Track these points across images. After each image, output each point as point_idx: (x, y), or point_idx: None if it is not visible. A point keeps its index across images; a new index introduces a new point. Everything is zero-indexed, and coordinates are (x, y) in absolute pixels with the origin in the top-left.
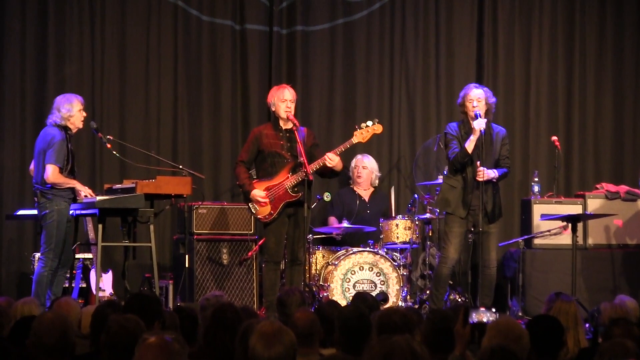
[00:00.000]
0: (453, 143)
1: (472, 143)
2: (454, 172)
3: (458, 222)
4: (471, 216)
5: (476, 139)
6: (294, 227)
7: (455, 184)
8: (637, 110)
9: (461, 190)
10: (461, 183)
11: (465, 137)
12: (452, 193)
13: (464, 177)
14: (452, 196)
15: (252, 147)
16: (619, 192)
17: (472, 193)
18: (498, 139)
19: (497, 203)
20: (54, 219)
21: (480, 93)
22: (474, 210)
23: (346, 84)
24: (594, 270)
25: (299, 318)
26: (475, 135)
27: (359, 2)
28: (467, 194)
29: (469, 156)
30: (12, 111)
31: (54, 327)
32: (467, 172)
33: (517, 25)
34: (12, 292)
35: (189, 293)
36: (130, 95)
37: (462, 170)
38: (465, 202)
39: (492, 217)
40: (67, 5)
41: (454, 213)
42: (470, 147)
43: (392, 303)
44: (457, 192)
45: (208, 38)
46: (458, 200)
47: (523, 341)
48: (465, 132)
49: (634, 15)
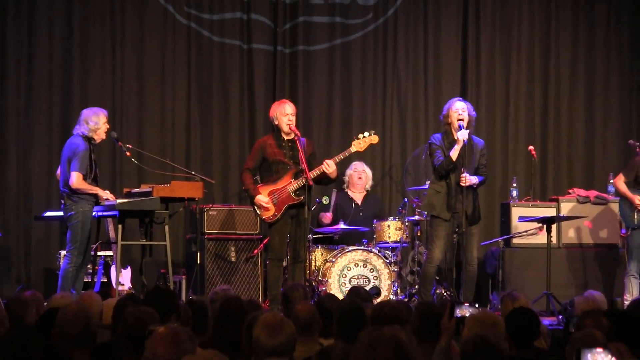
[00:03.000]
0: (437, 152)
1: (456, 152)
2: (439, 179)
3: (443, 224)
4: (454, 218)
5: (460, 148)
6: (295, 228)
7: (440, 189)
8: (607, 122)
9: (445, 194)
10: (445, 188)
11: (448, 147)
12: (437, 197)
13: (447, 183)
14: (437, 200)
15: (257, 156)
16: (589, 196)
17: (455, 197)
18: (477, 149)
19: (476, 207)
20: (78, 219)
21: (463, 105)
22: (457, 213)
23: (343, 98)
24: (567, 267)
25: (301, 310)
26: (459, 145)
27: (355, 25)
28: (451, 198)
29: (454, 164)
30: (40, 121)
31: (77, 318)
32: (450, 179)
33: (498, 45)
34: (40, 287)
35: (200, 287)
36: (148, 108)
37: (447, 177)
38: (449, 206)
39: (472, 219)
40: (91, 26)
41: (438, 216)
42: (455, 156)
43: (384, 297)
44: (442, 196)
45: (218, 56)
46: (442, 204)
47: (498, 328)
48: (449, 142)
49: (603, 34)
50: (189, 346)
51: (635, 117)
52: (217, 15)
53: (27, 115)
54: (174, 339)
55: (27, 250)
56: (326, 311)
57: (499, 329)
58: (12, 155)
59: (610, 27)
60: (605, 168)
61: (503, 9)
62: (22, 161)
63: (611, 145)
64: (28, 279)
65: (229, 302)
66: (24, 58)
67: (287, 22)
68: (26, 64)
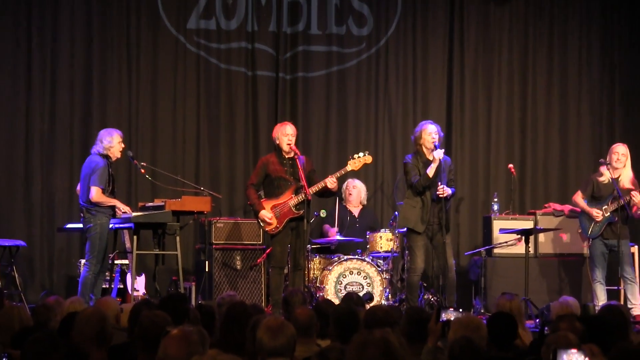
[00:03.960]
0: (413, 171)
1: (433, 170)
2: (415, 195)
3: (419, 237)
4: (429, 230)
5: (436, 166)
6: (295, 238)
7: (415, 204)
8: (579, 142)
9: (420, 209)
10: (420, 203)
11: (420, 165)
12: (412, 212)
13: (422, 198)
14: (412, 214)
15: (261, 173)
16: (564, 210)
17: (430, 211)
18: (446, 165)
19: (448, 219)
20: (97, 231)
21: (435, 129)
22: (431, 225)
23: (339, 121)
24: (543, 275)
25: (300, 314)
26: (435, 163)
27: (349, 53)
28: (425, 212)
29: (430, 180)
30: (62, 141)
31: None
32: (426, 195)
33: (480, 73)
34: (62, 292)
35: (208, 293)
36: (160, 129)
37: (422, 193)
38: (423, 219)
39: (447, 229)
40: (109, 54)
41: (413, 228)
42: (431, 173)
43: (377, 302)
44: (417, 211)
45: (225, 82)
46: (417, 217)
47: (481, 331)
48: (422, 161)
49: (576, 63)
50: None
51: (605, 138)
52: (224, 45)
53: (50, 136)
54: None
55: (50, 259)
56: (323, 315)
57: (482, 332)
58: (36, 173)
59: (582, 57)
60: (578, 184)
61: (485, 41)
62: (45, 178)
63: (583, 164)
64: (51, 285)
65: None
66: (47, 84)
67: (288, 51)
68: (49, 89)
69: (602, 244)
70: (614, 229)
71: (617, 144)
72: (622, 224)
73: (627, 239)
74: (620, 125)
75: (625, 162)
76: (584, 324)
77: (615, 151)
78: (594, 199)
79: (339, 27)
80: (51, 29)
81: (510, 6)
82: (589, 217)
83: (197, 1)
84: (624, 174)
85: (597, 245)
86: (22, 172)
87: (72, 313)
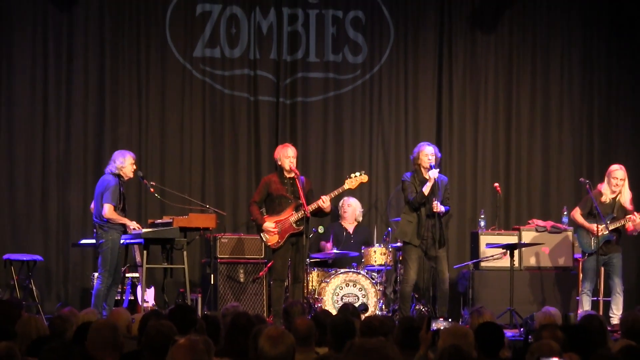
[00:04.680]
0: (410, 188)
1: (428, 188)
2: (411, 211)
3: (414, 249)
4: (423, 244)
5: (431, 185)
6: (295, 253)
7: (412, 220)
8: (560, 162)
9: (416, 224)
10: (416, 219)
11: (418, 184)
12: (409, 226)
13: (418, 214)
14: (409, 229)
15: (263, 191)
16: (546, 226)
17: (424, 227)
18: (442, 185)
19: (442, 234)
20: (108, 246)
21: (431, 150)
22: (426, 239)
23: (336, 142)
24: (527, 286)
25: (299, 324)
26: (431, 182)
27: (345, 80)
28: (421, 227)
29: (425, 198)
30: (77, 162)
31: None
32: (421, 211)
33: (468, 96)
34: (76, 304)
35: (214, 304)
36: (169, 150)
37: (418, 209)
38: (418, 234)
39: (440, 243)
40: (120, 80)
41: (410, 242)
42: (427, 191)
43: (371, 312)
44: (413, 225)
45: (229, 106)
46: (413, 232)
47: (468, 338)
48: (419, 179)
49: (558, 87)
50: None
51: (585, 159)
52: (228, 72)
53: (66, 157)
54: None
55: (65, 273)
56: (321, 324)
57: (469, 340)
58: (53, 191)
59: (562, 82)
60: (560, 202)
61: (472, 67)
62: (61, 197)
63: (565, 183)
64: (66, 297)
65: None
66: (62, 108)
67: (288, 78)
68: (65, 113)
69: (595, 260)
70: (610, 247)
71: (615, 168)
72: (616, 242)
73: (619, 253)
74: (598, 147)
75: (623, 185)
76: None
77: (614, 176)
78: (591, 216)
79: (335, 55)
80: (66, 57)
81: (496, 35)
82: (587, 233)
83: (203, 31)
84: (623, 195)
85: (591, 260)
86: (39, 191)
87: (86, 323)
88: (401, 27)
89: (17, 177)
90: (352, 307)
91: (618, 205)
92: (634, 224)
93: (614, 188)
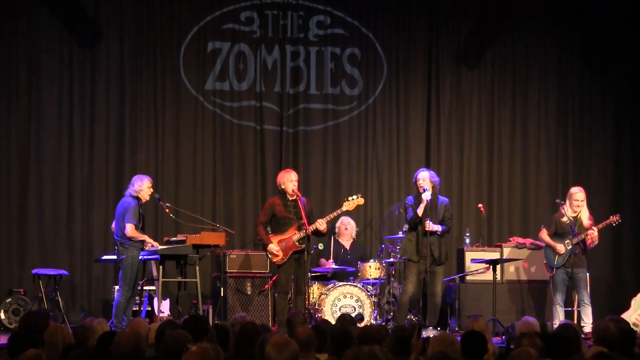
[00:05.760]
0: (409, 210)
1: (422, 209)
2: (410, 230)
3: (413, 265)
4: (422, 261)
5: (424, 206)
6: (298, 268)
7: (411, 238)
8: (538, 185)
9: (415, 242)
10: (415, 237)
11: (417, 205)
12: (409, 244)
13: (417, 233)
14: (409, 246)
15: (268, 213)
16: (525, 243)
17: (422, 244)
18: (442, 206)
19: (442, 251)
20: (128, 262)
21: (425, 175)
22: (424, 256)
23: (334, 167)
24: (508, 298)
25: (301, 332)
26: (423, 204)
27: (343, 110)
28: (419, 245)
29: (420, 218)
30: (99, 185)
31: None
32: (419, 230)
33: (454, 125)
34: (99, 314)
35: (223, 314)
36: (182, 174)
37: (416, 229)
38: (417, 251)
39: (439, 260)
40: (138, 111)
41: (410, 259)
42: (420, 212)
43: (367, 321)
44: (412, 243)
45: (237, 135)
46: (413, 249)
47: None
48: (419, 201)
49: (536, 116)
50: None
51: (560, 182)
52: (236, 103)
53: (89, 181)
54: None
55: (89, 285)
56: (321, 332)
57: (456, 347)
58: (77, 212)
59: (540, 112)
60: (538, 221)
61: (457, 99)
62: (85, 216)
63: (542, 203)
64: (89, 308)
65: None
66: (86, 137)
67: (291, 109)
68: (88, 141)
69: (563, 273)
70: (574, 260)
71: (575, 191)
72: (581, 254)
73: (584, 268)
74: (572, 171)
75: (582, 205)
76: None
77: (575, 198)
78: (556, 235)
79: (334, 88)
80: (89, 91)
81: (479, 70)
82: (553, 250)
83: (214, 66)
84: (582, 214)
85: (559, 273)
86: (65, 211)
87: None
88: (393, 62)
89: (45, 199)
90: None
91: (578, 222)
92: (592, 238)
93: (575, 208)
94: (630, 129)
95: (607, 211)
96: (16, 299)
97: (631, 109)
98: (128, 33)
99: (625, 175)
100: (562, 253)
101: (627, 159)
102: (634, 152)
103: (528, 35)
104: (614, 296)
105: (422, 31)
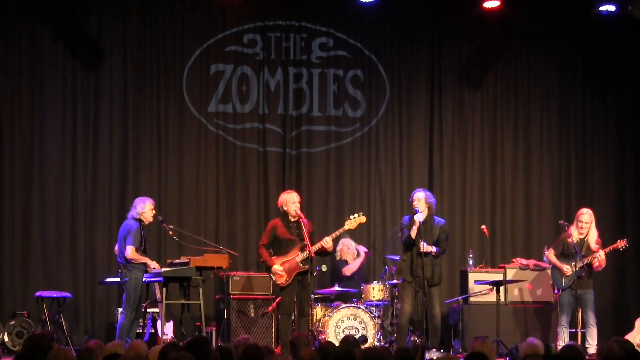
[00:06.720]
0: (404, 230)
1: (414, 231)
2: (405, 251)
3: (407, 285)
4: (416, 281)
5: (416, 228)
6: (301, 290)
7: (406, 258)
8: (541, 206)
9: (409, 263)
10: (410, 258)
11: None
12: (404, 265)
13: (411, 254)
14: (404, 267)
15: (270, 234)
16: (529, 264)
17: (416, 265)
18: (438, 227)
19: (435, 272)
20: (132, 284)
21: (420, 195)
22: (418, 277)
23: (337, 189)
24: (512, 319)
25: (304, 354)
26: (416, 225)
27: (345, 132)
28: (413, 265)
29: (412, 239)
30: (102, 207)
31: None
32: (413, 251)
33: (456, 146)
34: (102, 336)
35: (227, 336)
36: (185, 196)
37: (410, 249)
38: (411, 272)
39: (430, 281)
40: (141, 133)
41: (404, 279)
42: (413, 233)
43: (370, 343)
44: (407, 264)
45: (240, 157)
46: (407, 269)
47: None
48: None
49: (538, 138)
50: None
51: (564, 203)
52: (239, 125)
53: (92, 203)
54: None
55: (92, 308)
56: (325, 354)
57: None
58: (80, 234)
59: (542, 133)
60: (541, 242)
61: (460, 120)
62: (88, 239)
63: (545, 224)
64: (93, 330)
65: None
66: (89, 158)
67: (294, 130)
68: (91, 162)
69: (570, 294)
70: (581, 282)
71: (582, 212)
72: (587, 277)
73: (591, 289)
74: (575, 191)
75: (590, 227)
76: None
77: (580, 220)
78: (563, 256)
79: (336, 110)
80: (93, 112)
81: (482, 91)
82: (560, 271)
83: (217, 88)
84: (590, 237)
85: (565, 295)
86: (69, 234)
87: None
88: (396, 84)
89: (49, 221)
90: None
91: (586, 245)
92: (599, 261)
93: (581, 230)
94: (633, 147)
95: (610, 230)
96: (20, 321)
97: (633, 128)
98: (131, 55)
99: (628, 194)
100: (569, 275)
101: (630, 178)
102: (636, 171)
103: (530, 56)
104: (618, 317)
105: (425, 52)
